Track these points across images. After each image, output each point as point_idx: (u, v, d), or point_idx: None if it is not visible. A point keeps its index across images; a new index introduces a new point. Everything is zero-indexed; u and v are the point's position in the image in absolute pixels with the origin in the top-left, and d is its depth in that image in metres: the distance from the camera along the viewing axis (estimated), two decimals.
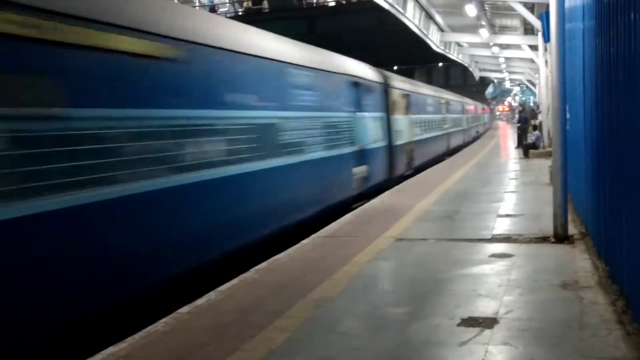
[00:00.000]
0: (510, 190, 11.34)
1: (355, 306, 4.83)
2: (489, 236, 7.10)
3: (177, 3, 10.33)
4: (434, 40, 26.54)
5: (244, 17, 32.58)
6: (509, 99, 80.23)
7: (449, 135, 24.84)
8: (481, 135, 39.92)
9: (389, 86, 14.46)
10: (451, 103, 26.50)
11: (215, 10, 35.02)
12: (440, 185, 12.54)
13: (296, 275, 5.82)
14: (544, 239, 6.67)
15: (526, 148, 19.29)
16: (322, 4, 36.51)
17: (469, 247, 6.62)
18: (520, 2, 17.01)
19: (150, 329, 4.47)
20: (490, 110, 75.22)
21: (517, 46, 25.86)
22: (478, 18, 21.84)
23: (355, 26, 34.38)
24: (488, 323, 4.17)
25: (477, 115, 40.93)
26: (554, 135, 6.89)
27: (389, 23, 30.83)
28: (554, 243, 6.52)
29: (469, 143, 31.51)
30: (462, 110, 31.68)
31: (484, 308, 4.52)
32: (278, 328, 4.31)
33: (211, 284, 5.60)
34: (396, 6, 19.75)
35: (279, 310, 4.69)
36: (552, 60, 6.73)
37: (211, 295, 5.26)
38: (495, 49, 27.81)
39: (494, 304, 4.58)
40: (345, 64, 11.74)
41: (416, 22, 22.68)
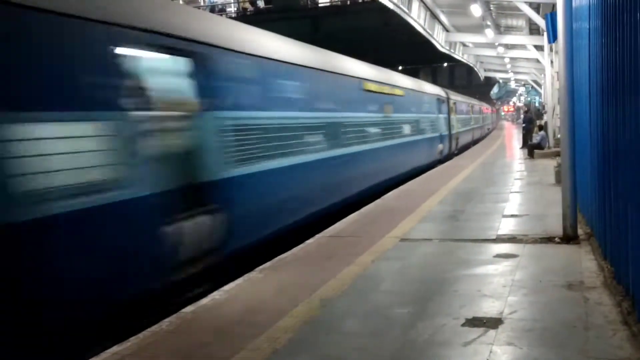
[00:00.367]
0: (515, 190, 11.30)
1: (360, 306, 4.83)
2: (494, 236, 7.08)
3: None
4: (439, 40, 26.52)
5: (248, 18, 32.61)
6: (514, 100, 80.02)
7: (473, 130, 33.68)
8: (491, 131, 49.52)
9: (449, 98, 23.73)
10: (474, 107, 34.76)
11: (214, 10, 34.88)
12: (445, 185, 12.52)
13: (301, 274, 5.83)
14: (549, 240, 6.65)
15: (531, 148, 19.23)
16: (327, 4, 36.52)
17: (474, 248, 6.61)
18: (526, 2, 16.96)
19: (154, 328, 4.49)
20: (495, 111, 75.24)
21: (523, 46, 25.79)
22: (483, 18, 21.81)
23: (360, 26, 34.38)
24: (492, 323, 4.16)
25: (488, 115, 51.93)
26: (562, 136, 6.86)
27: (393, 23, 30.82)
28: (558, 243, 6.50)
29: (484, 136, 40.81)
30: (480, 112, 40.90)
31: (488, 308, 4.51)
32: (282, 328, 4.32)
33: (216, 284, 5.61)
34: (401, 6, 19.75)
35: (283, 310, 4.69)
36: (560, 60, 6.70)
37: (215, 295, 5.28)
38: (500, 49, 27.75)
39: (499, 304, 4.57)
40: (433, 88, 21.82)
41: (421, 22, 22.66)
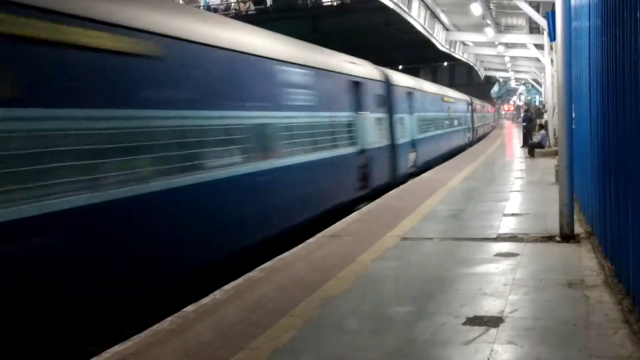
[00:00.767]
0: (516, 189, 11.31)
1: (360, 305, 4.84)
2: (495, 235, 7.09)
3: None
4: (439, 39, 26.51)
5: (247, 17, 32.60)
6: (514, 98, 79.98)
7: (485, 125, 43.70)
8: (493, 128, 55.16)
9: (472, 102, 33.23)
10: (485, 107, 43.93)
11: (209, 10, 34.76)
12: (445, 184, 12.52)
13: (301, 274, 5.83)
14: (549, 238, 6.65)
15: (531, 147, 19.23)
16: (327, 4, 36.47)
17: (475, 246, 6.61)
18: (526, 1, 16.96)
19: (156, 327, 4.49)
20: (496, 110, 75.40)
21: (523, 45, 25.79)
22: (483, 17, 21.80)
23: (360, 25, 34.34)
24: (493, 322, 4.17)
25: (493, 114, 63.37)
26: (560, 135, 6.87)
27: (394, 22, 30.79)
28: (559, 242, 6.50)
29: (491, 130, 49.07)
30: (487, 112, 50.85)
31: (489, 307, 4.51)
32: (283, 327, 4.32)
33: (217, 283, 5.61)
34: (401, 5, 19.74)
35: (284, 309, 4.70)
36: (558, 59, 6.71)
37: (216, 294, 5.28)
38: (500, 48, 27.74)
39: (500, 303, 4.57)
40: (464, 96, 29.93)
41: (421, 21, 22.66)
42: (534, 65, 30.87)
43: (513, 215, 8.46)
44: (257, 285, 5.53)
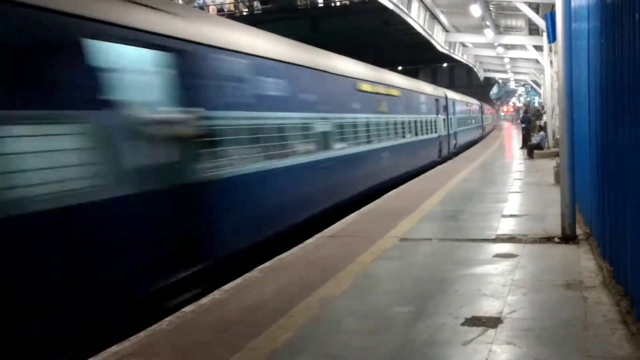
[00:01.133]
0: (515, 190, 11.32)
1: (359, 305, 4.84)
2: (493, 236, 7.10)
3: None
4: (438, 40, 26.55)
5: (247, 18, 32.61)
6: (513, 100, 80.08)
7: (490, 123, 52.81)
8: (494, 128, 60.60)
9: (482, 106, 43.34)
10: (489, 110, 50.98)
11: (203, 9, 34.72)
12: (444, 185, 12.54)
13: (300, 274, 5.84)
14: (548, 239, 6.66)
15: (531, 148, 19.25)
16: (327, 4, 36.50)
17: (473, 247, 6.62)
18: (525, 3, 16.99)
19: (154, 327, 4.50)
20: (495, 111, 75.81)
21: (522, 46, 25.84)
22: (483, 18, 21.84)
23: (360, 26, 34.41)
24: (492, 323, 4.17)
25: (494, 115, 69.12)
26: (560, 136, 6.88)
27: (393, 23, 30.84)
28: (558, 243, 6.51)
29: (492, 129, 55.50)
30: (490, 113, 58.78)
31: (488, 308, 4.52)
32: (282, 327, 4.33)
33: (215, 283, 5.62)
34: (401, 6, 19.77)
35: (283, 309, 4.70)
36: (558, 60, 6.72)
37: (215, 294, 5.29)
38: (500, 50, 27.80)
39: (498, 304, 4.58)
40: (478, 101, 40.54)
41: (421, 23, 22.69)
42: (533, 66, 30.92)
43: (512, 216, 8.47)
44: (256, 285, 5.54)
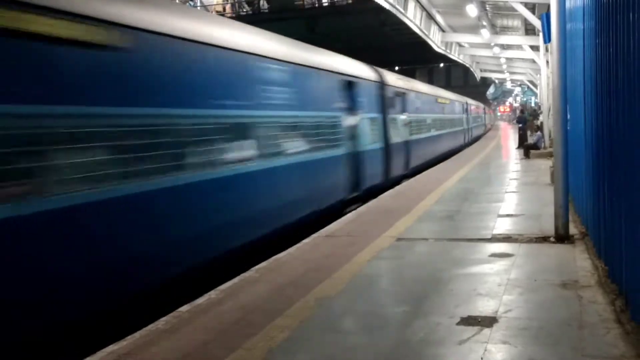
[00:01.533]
0: (511, 190, 11.34)
1: (355, 305, 4.85)
2: (489, 236, 7.12)
3: None
4: (435, 40, 26.56)
5: (244, 18, 32.58)
6: (510, 100, 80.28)
7: (490, 122, 59.71)
8: (492, 126, 63.75)
9: (485, 107, 52.57)
10: (479, 107, 50.08)
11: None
12: (441, 185, 12.56)
13: (296, 274, 5.84)
14: (544, 239, 6.68)
15: (527, 148, 19.29)
16: (325, 4, 36.51)
17: (469, 247, 6.64)
18: (521, 3, 17.02)
19: (150, 327, 4.49)
20: (492, 112, 76.21)
21: (518, 46, 25.89)
22: (479, 18, 21.87)
23: (357, 26, 34.40)
24: (487, 322, 4.18)
25: (490, 115, 71.05)
26: (555, 136, 6.90)
27: (390, 23, 30.85)
28: (554, 243, 6.53)
29: (491, 127, 59.69)
30: (489, 114, 63.66)
31: (483, 307, 4.53)
32: (278, 327, 4.33)
33: (212, 283, 5.62)
34: (397, 6, 19.77)
35: (279, 309, 4.71)
36: (553, 60, 6.74)
37: (212, 294, 5.29)
38: (496, 50, 27.83)
39: (494, 303, 4.59)
40: (481, 104, 48.51)
41: (417, 23, 22.70)
42: (530, 66, 31.00)
43: (508, 216, 8.49)
44: (253, 285, 5.54)
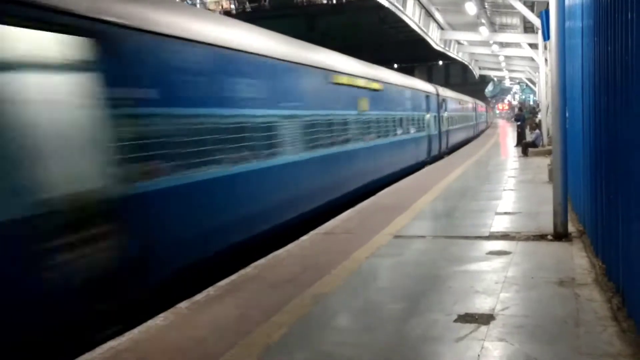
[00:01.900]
0: (509, 188, 11.36)
1: (353, 302, 4.86)
2: (487, 233, 7.13)
3: None
4: (434, 38, 26.54)
5: (242, 16, 32.54)
6: (508, 98, 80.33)
7: (490, 119, 65.02)
8: (491, 124, 66.28)
9: (487, 107, 63.72)
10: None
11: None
12: (439, 182, 12.57)
13: (294, 271, 5.85)
14: (541, 237, 6.70)
15: (525, 146, 19.31)
16: (324, 2, 36.46)
17: (467, 245, 6.65)
18: (520, 0, 17.02)
19: (149, 323, 4.50)
20: (491, 109, 76.66)
21: (517, 44, 25.88)
22: (478, 16, 21.86)
23: (356, 24, 34.39)
24: (484, 319, 4.20)
25: (490, 113, 73.96)
26: (553, 134, 6.91)
27: (389, 21, 30.83)
28: (551, 241, 6.55)
29: (491, 124, 63.48)
30: (490, 112, 69.94)
31: (480, 304, 4.55)
32: (276, 323, 4.34)
33: (210, 280, 5.63)
34: (396, 4, 19.76)
35: (277, 306, 4.72)
36: (552, 58, 6.74)
37: (210, 290, 5.30)
38: (495, 47, 27.82)
39: (491, 301, 4.61)
40: (484, 103, 57.04)
41: (416, 20, 22.68)
42: (528, 64, 31.00)
43: (506, 213, 8.50)
44: (251, 281, 5.55)
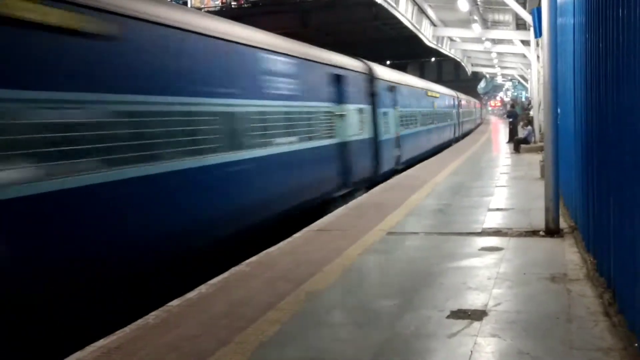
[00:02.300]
0: (501, 184, 11.40)
1: (346, 299, 4.86)
2: (480, 230, 7.15)
3: None
4: (426, 34, 26.57)
5: (235, 10, 32.40)
6: (500, 94, 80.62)
7: (483, 115, 67.09)
8: (483, 120, 66.64)
9: (482, 104, 69.38)
10: (480, 106, 57.66)
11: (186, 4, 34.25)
12: (431, 179, 12.59)
13: (288, 268, 5.84)
14: (533, 233, 6.72)
15: (517, 143, 19.38)
16: None
17: (460, 241, 6.67)
18: None
19: (140, 322, 4.48)
20: (483, 106, 77.20)
21: (509, 41, 25.92)
22: (470, 13, 21.90)
23: (349, 20, 34.33)
24: (477, 315, 4.21)
25: (482, 109, 74.62)
26: (545, 130, 6.94)
27: (382, 17, 30.78)
28: (543, 237, 6.58)
29: (483, 120, 63.46)
30: (483, 109, 71.73)
31: (473, 300, 4.56)
32: (269, 320, 4.34)
33: (202, 277, 5.61)
34: (389, 0, 19.75)
35: (270, 303, 4.71)
36: (544, 55, 6.76)
37: (202, 288, 5.28)
38: (487, 44, 27.88)
39: (483, 297, 4.62)
40: (478, 101, 62.38)
41: (409, 17, 22.69)
42: (521, 61, 31.09)
43: (498, 210, 8.53)
44: (244, 279, 5.54)
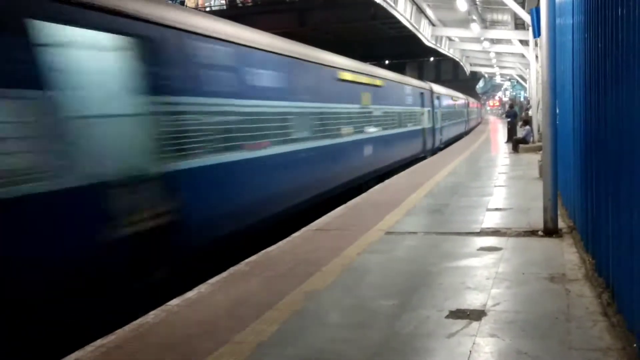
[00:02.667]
0: (500, 184, 11.41)
1: (345, 298, 4.86)
2: (478, 229, 7.15)
3: None
4: (425, 34, 26.58)
5: (232, 10, 32.37)
6: (499, 94, 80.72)
7: (483, 114, 71.84)
8: (482, 120, 67.99)
9: (481, 105, 71.09)
10: (480, 106, 59.13)
11: (183, 3, 34.18)
12: (430, 179, 12.60)
13: (286, 267, 5.84)
14: (532, 233, 6.73)
15: (516, 143, 19.40)
16: None
17: (458, 241, 6.67)
18: None
19: (139, 321, 4.48)
20: (482, 106, 77.43)
21: (508, 41, 25.96)
22: (469, 12, 21.91)
23: (347, 20, 34.30)
24: (476, 315, 4.21)
25: (481, 110, 76.25)
26: (543, 130, 6.94)
27: (380, 17, 30.78)
28: (542, 236, 6.58)
29: (482, 119, 65.19)
30: (482, 109, 74.23)
31: (472, 300, 4.56)
32: (268, 320, 4.33)
33: (201, 277, 5.61)
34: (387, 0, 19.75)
35: (269, 303, 4.71)
36: (542, 55, 6.76)
37: (201, 287, 5.27)
38: (486, 44, 27.91)
39: (482, 297, 4.62)
40: (477, 100, 64.42)
41: (407, 16, 22.69)
42: (519, 61, 31.13)
43: (497, 209, 8.54)
44: (242, 279, 5.53)
